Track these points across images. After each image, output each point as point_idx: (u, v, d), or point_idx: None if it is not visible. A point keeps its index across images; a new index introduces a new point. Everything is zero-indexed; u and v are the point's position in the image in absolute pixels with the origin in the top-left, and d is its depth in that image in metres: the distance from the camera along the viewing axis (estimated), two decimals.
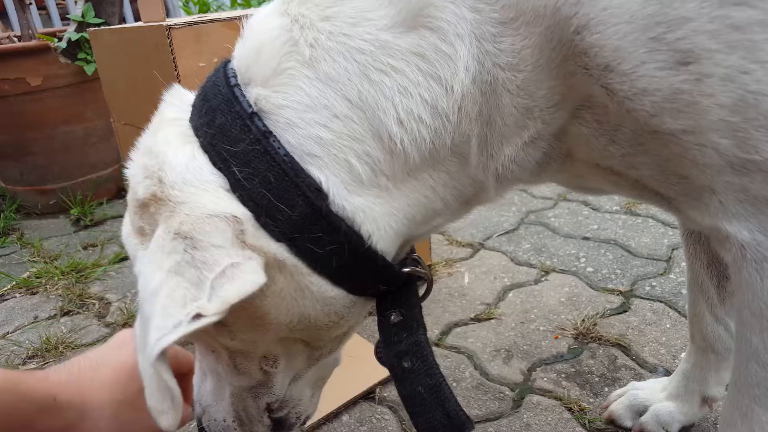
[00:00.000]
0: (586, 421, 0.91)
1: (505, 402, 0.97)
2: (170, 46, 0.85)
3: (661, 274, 1.30)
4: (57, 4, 3.32)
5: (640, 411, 0.89)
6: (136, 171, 0.56)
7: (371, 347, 1.16)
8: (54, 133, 1.93)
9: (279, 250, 0.49)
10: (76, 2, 1.88)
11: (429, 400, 0.55)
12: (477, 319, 1.21)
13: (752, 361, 0.46)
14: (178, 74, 0.86)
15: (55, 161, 1.97)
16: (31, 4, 2.05)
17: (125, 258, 1.64)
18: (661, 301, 1.21)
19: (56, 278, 1.54)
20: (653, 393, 0.90)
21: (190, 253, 0.45)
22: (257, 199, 0.48)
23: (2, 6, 3.20)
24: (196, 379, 0.66)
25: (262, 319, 0.52)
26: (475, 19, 0.43)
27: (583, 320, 1.16)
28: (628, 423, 0.89)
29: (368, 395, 1.02)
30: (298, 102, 0.48)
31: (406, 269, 0.57)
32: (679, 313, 1.16)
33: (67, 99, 1.91)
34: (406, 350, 0.56)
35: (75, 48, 1.86)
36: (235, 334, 0.55)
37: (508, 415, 0.95)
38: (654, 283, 1.28)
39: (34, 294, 1.49)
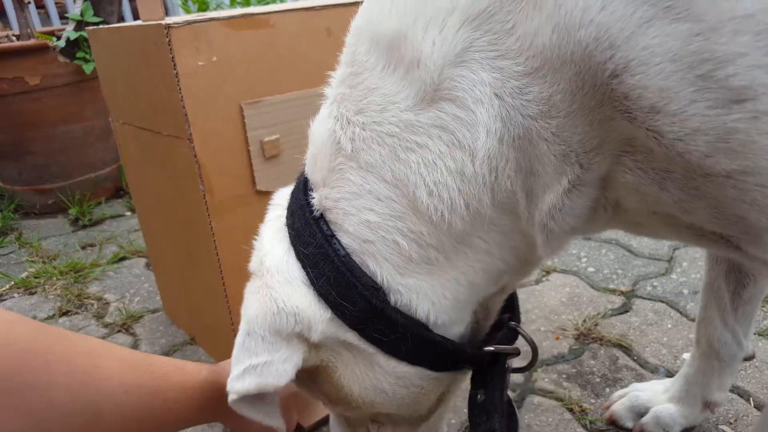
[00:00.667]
0: (587, 422, 0.91)
1: None
2: (169, 45, 0.84)
3: (663, 274, 1.30)
4: (55, 3, 3.32)
5: (641, 412, 0.89)
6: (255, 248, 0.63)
7: None
8: (52, 132, 1.92)
9: (352, 337, 0.55)
10: (74, 1, 1.88)
11: None
12: None
13: None
14: (177, 73, 0.86)
15: (53, 161, 1.97)
16: (29, 3, 2.04)
17: (123, 258, 1.64)
18: (662, 302, 1.20)
19: (54, 278, 1.54)
20: (655, 395, 0.90)
21: (246, 336, 0.55)
22: (326, 295, 0.54)
23: (1, 5, 3.20)
24: None
25: (344, 390, 0.59)
26: (496, 79, 0.43)
27: (584, 320, 1.16)
28: (629, 424, 0.89)
29: None
30: (349, 192, 0.52)
31: (489, 348, 0.59)
32: (680, 313, 1.16)
33: (65, 98, 1.90)
34: None
35: (73, 47, 1.85)
36: (342, 403, 0.61)
37: None
38: (655, 283, 1.27)
39: (33, 294, 1.49)
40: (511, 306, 0.65)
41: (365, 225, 0.52)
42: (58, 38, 1.85)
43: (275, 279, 0.56)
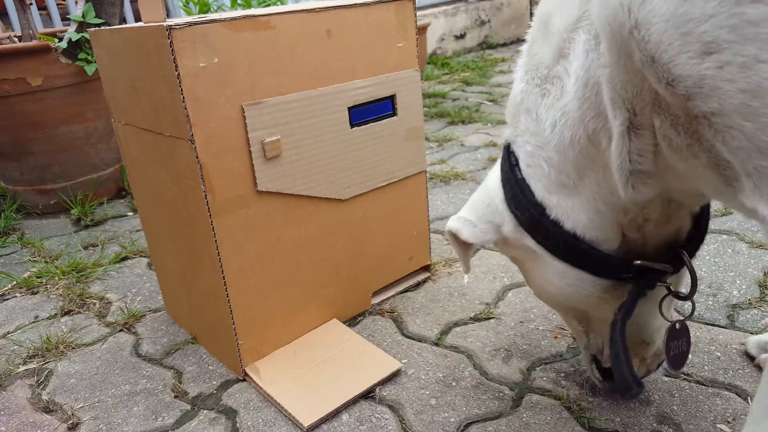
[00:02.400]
0: (586, 420, 0.92)
1: (504, 401, 0.98)
2: (171, 46, 0.85)
3: None
4: (57, 5, 3.33)
5: (766, 348, 1.01)
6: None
7: (372, 347, 1.17)
8: (54, 133, 1.93)
9: (529, 241, 0.74)
10: (76, 2, 1.88)
11: (615, 363, 0.73)
12: (476, 319, 1.22)
13: None
14: (178, 74, 0.87)
15: (55, 161, 1.98)
16: (31, 4, 2.05)
17: (126, 258, 1.65)
18: None
19: (57, 278, 1.55)
20: None
21: (474, 200, 0.83)
22: (511, 207, 0.75)
23: (3, 6, 3.21)
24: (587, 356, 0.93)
25: (530, 278, 0.82)
26: (587, 39, 0.57)
27: None
28: (754, 352, 1.02)
29: (368, 395, 1.02)
30: (521, 130, 0.71)
31: (638, 262, 0.70)
32: (677, 312, 1.17)
33: (67, 99, 1.91)
34: (612, 325, 0.73)
35: (75, 48, 1.86)
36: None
37: (507, 414, 0.95)
38: None
39: (35, 294, 1.49)
40: (699, 230, 0.74)
41: (527, 154, 0.70)
42: (60, 39, 1.86)
43: (491, 189, 0.79)
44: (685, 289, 0.79)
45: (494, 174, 0.80)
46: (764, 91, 0.42)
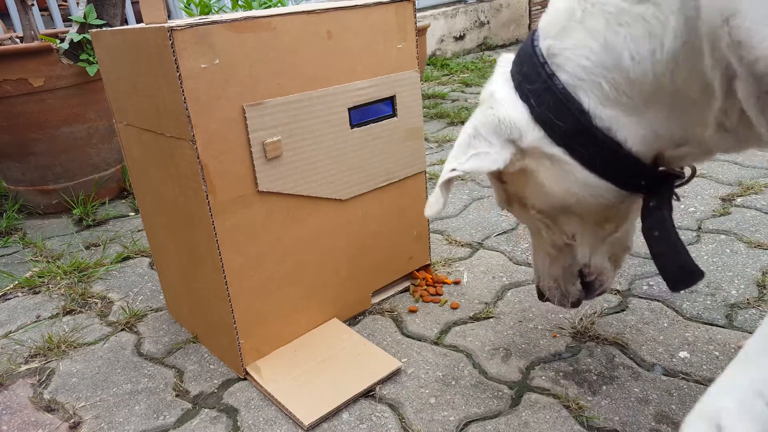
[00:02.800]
0: (584, 419, 0.92)
1: (503, 400, 0.98)
2: (172, 47, 0.86)
3: (659, 274, 1.31)
4: (59, 6, 3.33)
5: None
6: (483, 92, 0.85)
7: (372, 346, 1.18)
8: (56, 133, 1.94)
9: (558, 151, 0.76)
10: (78, 3, 1.89)
11: (669, 256, 0.78)
12: (476, 318, 1.22)
13: None
14: (180, 75, 0.87)
15: (57, 161, 1.98)
16: (33, 5, 2.06)
17: (127, 257, 1.66)
18: (658, 300, 1.22)
19: (58, 278, 1.55)
20: None
21: (472, 137, 0.79)
22: (544, 118, 0.75)
23: (4, 7, 3.21)
24: (533, 258, 0.98)
25: (543, 191, 0.81)
26: (683, 2, 0.61)
27: (581, 319, 1.17)
28: None
29: (368, 393, 1.02)
30: (573, 44, 0.72)
31: (662, 168, 0.77)
32: (676, 312, 1.17)
33: (69, 100, 1.92)
34: (653, 224, 0.78)
35: (77, 49, 1.87)
36: (540, 206, 0.84)
37: (506, 413, 0.95)
38: (651, 282, 1.29)
39: (37, 293, 1.50)
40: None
41: (581, 68, 0.72)
42: (62, 40, 1.87)
43: (501, 104, 0.78)
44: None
45: (498, 93, 0.80)
46: None
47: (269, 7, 2.94)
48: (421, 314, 1.26)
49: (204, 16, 0.98)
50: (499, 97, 0.80)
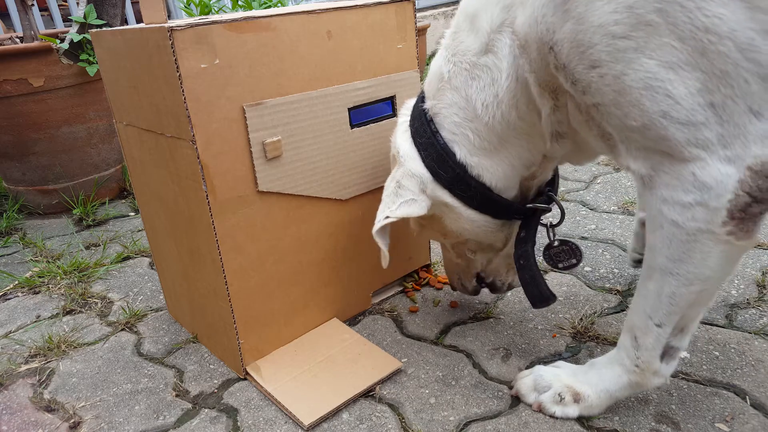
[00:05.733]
0: (584, 419, 0.92)
1: (503, 400, 0.98)
2: (172, 47, 0.86)
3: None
4: (59, 6, 3.33)
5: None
6: (392, 143, 1.01)
7: (372, 346, 1.18)
8: (56, 133, 1.94)
9: (444, 195, 0.92)
10: (78, 3, 1.89)
11: (530, 284, 0.96)
12: (476, 318, 1.22)
13: (648, 249, 0.78)
14: (180, 75, 0.87)
15: (57, 161, 1.98)
16: (33, 5, 2.06)
17: (127, 257, 1.66)
18: None
19: (58, 277, 1.55)
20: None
21: (398, 187, 0.94)
22: (432, 168, 0.91)
23: (4, 7, 3.21)
24: (444, 259, 1.19)
25: (445, 229, 1.00)
26: (511, 44, 0.77)
27: (581, 319, 1.17)
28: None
29: (368, 393, 1.02)
30: (446, 104, 0.88)
31: (530, 205, 0.96)
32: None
33: (69, 100, 1.92)
34: (520, 254, 0.96)
35: (77, 49, 1.87)
36: (444, 236, 1.04)
37: (506, 413, 0.95)
38: None
39: (37, 293, 1.50)
40: (552, 182, 1.01)
41: (453, 124, 0.88)
42: (62, 40, 1.87)
43: (407, 160, 0.94)
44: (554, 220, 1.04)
45: (402, 148, 0.95)
46: (627, 92, 0.66)
47: (269, 7, 2.94)
48: (421, 314, 1.26)
49: (204, 16, 0.98)
50: (403, 153, 0.94)
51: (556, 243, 1.01)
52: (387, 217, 0.92)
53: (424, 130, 0.90)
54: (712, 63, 0.61)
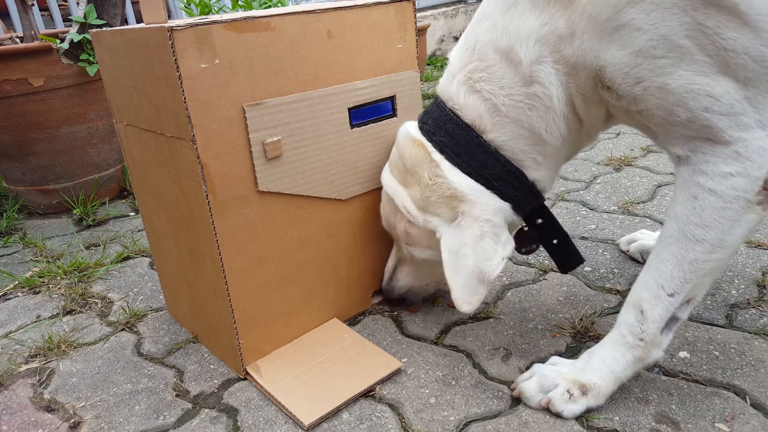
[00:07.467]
0: (584, 419, 0.92)
1: (503, 400, 0.98)
2: (172, 47, 0.86)
3: None
4: (59, 6, 3.34)
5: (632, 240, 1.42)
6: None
7: (372, 346, 1.18)
8: (56, 133, 1.94)
9: (516, 218, 1.03)
10: (78, 3, 1.89)
11: (562, 246, 1.12)
12: (476, 318, 1.22)
13: (671, 220, 0.86)
14: (180, 75, 0.87)
15: (57, 161, 1.98)
16: (33, 5, 2.06)
17: (127, 257, 1.66)
18: None
19: (59, 277, 1.55)
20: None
21: (492, 227, 0.98)
22: (512, 197, 0.99)
23: (4, 7, 3.21)
24: (388, 265, 1.24)
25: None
26: (556, 72, 0.86)
27: (581, 319, 1.17)
28: (624, 248, 1.41)
29: (368, 393, 1.02)
30: (510, 136, 0.95)
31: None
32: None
33: (69, 99, 1.92)
34: (538, 233, 1.11)
35: (77, 49, 1.87)
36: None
37: (506, 413, 0.95)
38: None
39: (37, 293, 1.50)
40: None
41: (521, 152, 0.96)
42: (62, 40, 1.87)
43: (480, 196, 0.99)
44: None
45: (472, 188, 0.99)
46: (670, 97, 0.78)
47: (269, 7, 2.94)
48: (421, 314, 1.26)
49: (204, 16, 0.98)
50: (470, 189, 0.98)
51: (526, 228, 1.11)
52: (503, 258, 0.97)
53: (496, 161, 0.96)
54: (736, 72, 0.74)
